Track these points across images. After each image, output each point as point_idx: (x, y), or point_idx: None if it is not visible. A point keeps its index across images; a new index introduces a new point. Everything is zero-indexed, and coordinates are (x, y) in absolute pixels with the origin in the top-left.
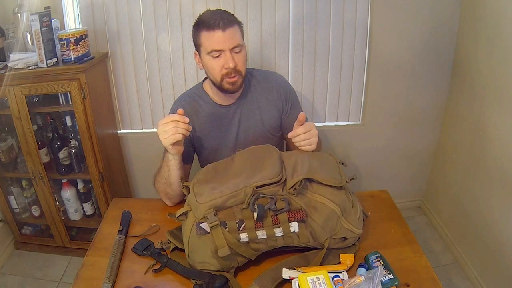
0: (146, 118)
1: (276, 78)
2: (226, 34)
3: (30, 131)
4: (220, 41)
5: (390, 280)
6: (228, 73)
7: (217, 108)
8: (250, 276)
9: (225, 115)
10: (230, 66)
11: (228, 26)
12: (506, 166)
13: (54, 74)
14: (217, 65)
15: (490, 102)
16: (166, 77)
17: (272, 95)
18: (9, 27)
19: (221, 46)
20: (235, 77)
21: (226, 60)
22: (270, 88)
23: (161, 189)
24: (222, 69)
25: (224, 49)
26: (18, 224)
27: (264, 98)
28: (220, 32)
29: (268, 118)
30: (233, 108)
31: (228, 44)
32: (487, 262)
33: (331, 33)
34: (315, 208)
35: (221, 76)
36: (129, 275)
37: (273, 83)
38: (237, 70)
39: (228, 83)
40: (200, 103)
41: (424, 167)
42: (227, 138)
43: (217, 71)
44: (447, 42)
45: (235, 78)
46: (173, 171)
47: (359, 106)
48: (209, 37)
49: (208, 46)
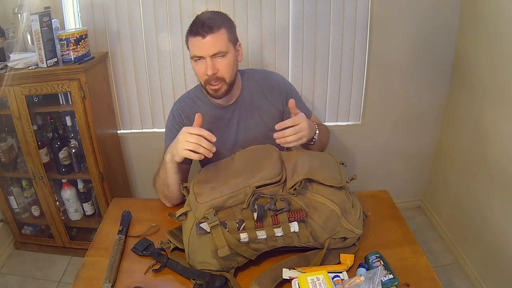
0: (146, 118)
1: (275, 78)
2: (207, 41)
3: (30, 131)
4: (200, 48)
5: (390, 280)
6: (208, 79)
7: (215, 109)
8: (250, 276)
9: (224, 116)
10: (208, 73)
11: (209, 32)
12: (506, 166)
13: (54, 74)
14: (199, 70)
15: (490, 102)
16: (166, 77)
17: (272, 95)
18: (9, 27)
19: (201, 52)
20: (218, 85)
21: (206, 67)
22: (269, 88)
23: (160, 190)
24: (204, 75)
25: (204, 56)
26: (18, 224)
27: (263, 99)
28: (200, 39)
29: (269, 119)
30: (231, 109)
31: (208, 51)
32: (487, 262)
33: (331, 33)
34: (315, 208)
35: (204, 82)
36: (129, 275)
37: (273, 83)
38: (218, 78)
39: (211, 89)
40: (199, 104)
41: (424, 167)
42: (226, 139)
43: (200, 76)
44: (447, 42)
45: (218, 85)
46: (170, 174)
47: (359, 106)
48: (192, 42)
49: (191, 51)
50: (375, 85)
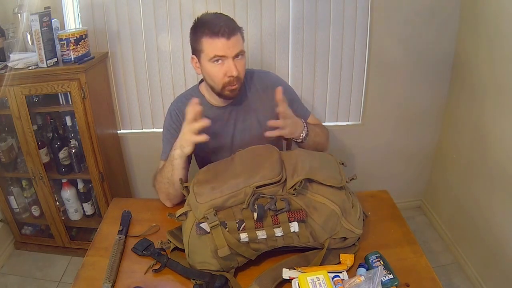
0: (146, 118)
1: (270, 78)
2: (230, 42)
3: (30, 131)
4: (224, 48)
5: (390, 280)
6: (230, 81)
7: (212, 110)
8: (250, 276)
9: (221, 116)
10: (233, 74)
11: (232, 34)
12: (506, 165)
13: (54, 74)
14: (220, 72)
15: (490, 102)
16: (166, 77)
17: (267, 95)
18: (9, 27)
19: (224, 52)
20: (236, 85)
21: (229, 68)
22: (264, 88)
23: (162, 190)
24: (225, 77)
25: (227, 56)
26: (18, 224)
27: (259, 99)
28: (224, 40)
29: (264, 119)
30: (228, 109)
31: (231, 52)
32: (487, 262)
33: (331, 33)
34: (315, 208)
35: (222, 84)
36: (129, 275)
37: (267, 83)
38: (237, 78)
39: (229, 90)
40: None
41: (424, 167)
42: (223, 139)
43: (219, 78)
44: (447, 42)
45: (235, 85)
46: (177, 170)
47: (359, 106)
48: (212, 43)
49: (210, 52)
50: (375, 85)
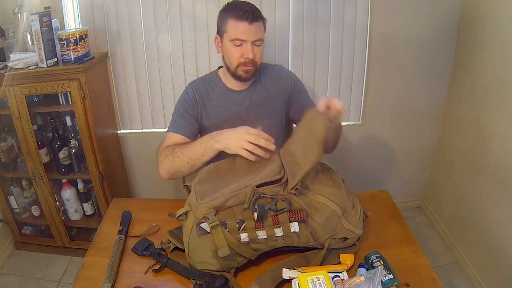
0: (146, 118)
1: (284, 70)
2: (252, 27)
3: (30, 131)
4: (245, 32)
5: (390, 280)
6: (245, 62)
7: (228, 92)
8: (250, 276)
9: (236, 100)
10: (249, 56)
11: (255, 20)
12: (507, 165)
13: (54, 74)
14: (237, 52)
15: (490, 102)
16: (166, 77)
17: (280, 85)
18: (9, 27)
19: (245, 36)
20: (250, 67)
21: (247, 51)
22: (278, 78)
23: (175, 163)
24: (241, 57)
25: (247, 40)
26: (18, 224)
27: (273, 87)
28: (247, 24)
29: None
30: (243, 94)
31: (251, 37)
32: (487, 262)
33: (331, 33)
34: (316, 208)
35: (237, 63)
36: (129, 275)
37: (281, 74)
38: (254, 62)
39: (243, 70)
40: (213, 86)
41: (424, 167)
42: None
43: (235, 58)
44: (447, 42)
45: (250, 67)
46: (206, 158)
47: (359, 106)
48: (236, 26)
49: (232, 34)
50: (375, 85)
